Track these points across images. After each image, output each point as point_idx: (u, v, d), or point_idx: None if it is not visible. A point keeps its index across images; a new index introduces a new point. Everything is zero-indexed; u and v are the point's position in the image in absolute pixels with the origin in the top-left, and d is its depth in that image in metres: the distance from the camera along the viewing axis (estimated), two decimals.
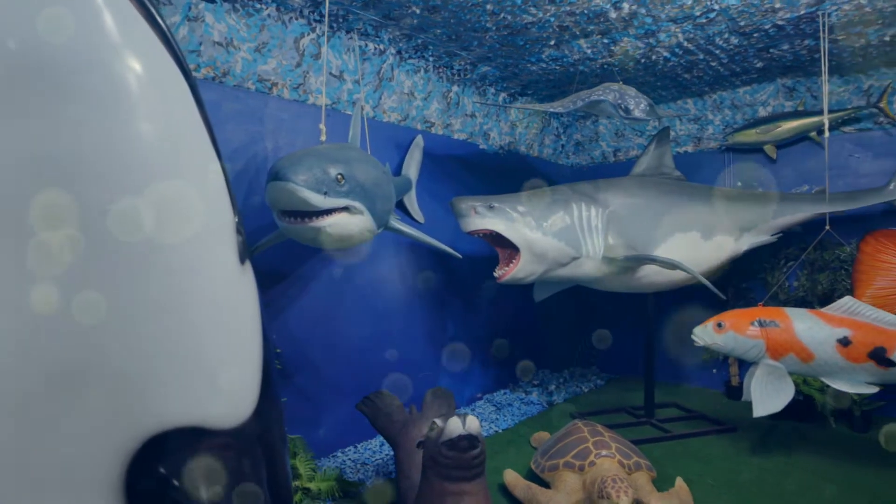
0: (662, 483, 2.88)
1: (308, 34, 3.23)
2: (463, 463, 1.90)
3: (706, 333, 3.32)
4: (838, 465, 3.27)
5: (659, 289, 3.79)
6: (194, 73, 2.77)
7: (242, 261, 1.29)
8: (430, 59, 3.94)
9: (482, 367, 4.68)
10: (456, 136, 4.47)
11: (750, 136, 4.52)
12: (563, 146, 5.59)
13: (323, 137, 2.48)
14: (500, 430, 3.94)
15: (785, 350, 3.11)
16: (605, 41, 3.64)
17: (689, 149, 5.03)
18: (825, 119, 3.63)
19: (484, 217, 3.35)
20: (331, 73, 3.43)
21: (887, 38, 3.57)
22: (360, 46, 3.51)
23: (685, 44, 3.69)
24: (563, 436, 3.02)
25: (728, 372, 4.77)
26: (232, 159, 2.99)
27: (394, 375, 3.81)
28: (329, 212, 2.19)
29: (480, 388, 4.65)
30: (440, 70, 4.10)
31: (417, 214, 4.01)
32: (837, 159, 4.25)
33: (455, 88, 4.29)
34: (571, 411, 4.28)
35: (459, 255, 3.31)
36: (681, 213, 3.70)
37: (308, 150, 2.27)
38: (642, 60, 3.96)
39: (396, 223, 2.83)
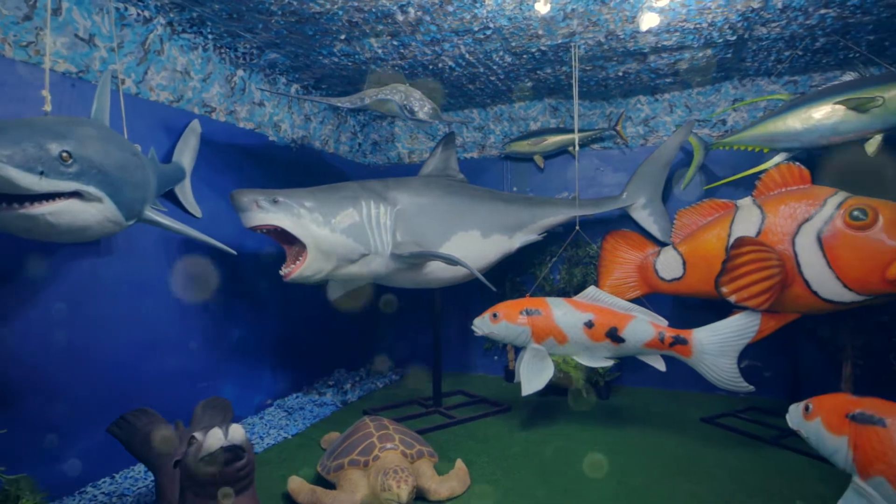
0: (446, 466, 3.04)
1: None
2: (226, 477, 1.73)
3: (484, 324, 3.63)
4: (587, 427, 3.85)
5: (444, 284, 4.02)
6: None
7: None
8: (210, 36, 3.58)
9: (272, 371, 4.42)
10: (242, 125, 4.13)
11: (523, 146, 5.08)
12: (359, 145, 5.60)
13: (47, 107, 2.04)
14: (290, 436, 3.76)
15: (546, 334, 3.56)
16: (395, 43, 3.73)
17: (475, 155, 5.46)
18: (576, 136, 4.25)
19: (267, 212, 3.16)
20: (77, 36, 2.88)
21: (621, 73, 4.33)
22: (116, 9, 3.01)
23: (467, 56, 3.98)
24: (349, 434, 3.00)
25: (507, 357, 5.30)
26: None
27: (162, 389, 3.37)
28: (50, 197, 1.80)
29: (271, 394, 4.39)
30: (222, 50, 3.75)
31: (193, 208, 3.60)
32: (588, 171, 5.04)
33: (240, 73, 3.97)
34: (365, 408, 4.30)
35: (234, 252, 3.05)
36: (463, 213, 3.98)
37: (21, 121, 1.83)
38: (430, 67, 4.16)
39: (154, 215, 2.48)
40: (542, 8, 3.19)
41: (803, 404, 2.37)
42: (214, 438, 1.69)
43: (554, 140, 4.99)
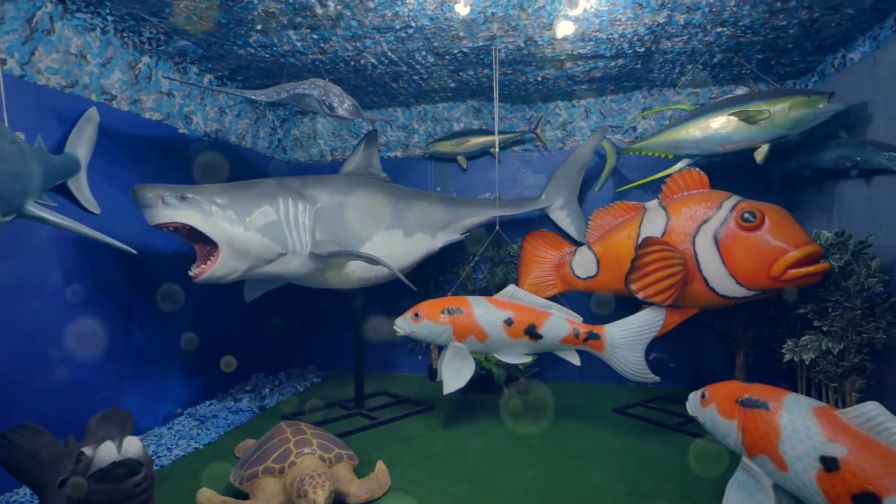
0: (367, 468, 3.00)
1: None
2: (120, 495, 1.60)
3: (406, 323, 3.61)
4: (507, 423, 3.93)
5: (366, 284, 3.96)
6: None
7: None
8: (109, 18, 3.31)
9: (184, 377, 4.16)
10: (148, 116, 3.86)
11: (446, 147, 5.12)
12: (279, 140, 5.40)
13: None
14: (202, 446, 3.56)
15: (467, 333, 3.60)
16: (315, 37, 3.62)
17: (399, 154, 5.43)
18: (496, 138, 4.34)
19: (175, 209, 2.97)
20: None
21: (540, 78, 4.47)
22: None
23: (389, 54, 3.95)
24: (265, 440, 2.88)
25: (431, 357, 5.31)
26: None
27: (52, 403, 3.07)
28: None
29: (181, 402, 4.13)
30: (124, 34, 3.48)
31: (90, 203, 3.31)
32: (509, 172, 5.16)
33: (146, 59, 3.69)
34: (284, 413, 4.15)
35: (134, 252, 2.83)
36: (385, 213, 3.94)
37: None
38: (352, 63, 4.08)
39: (38, 210, 2.25)
40: (462, 10, 3.22)
41: (700, 392, 2.55)
42: (106, 453, 1.56)
43: (476, 141, 5.06)
